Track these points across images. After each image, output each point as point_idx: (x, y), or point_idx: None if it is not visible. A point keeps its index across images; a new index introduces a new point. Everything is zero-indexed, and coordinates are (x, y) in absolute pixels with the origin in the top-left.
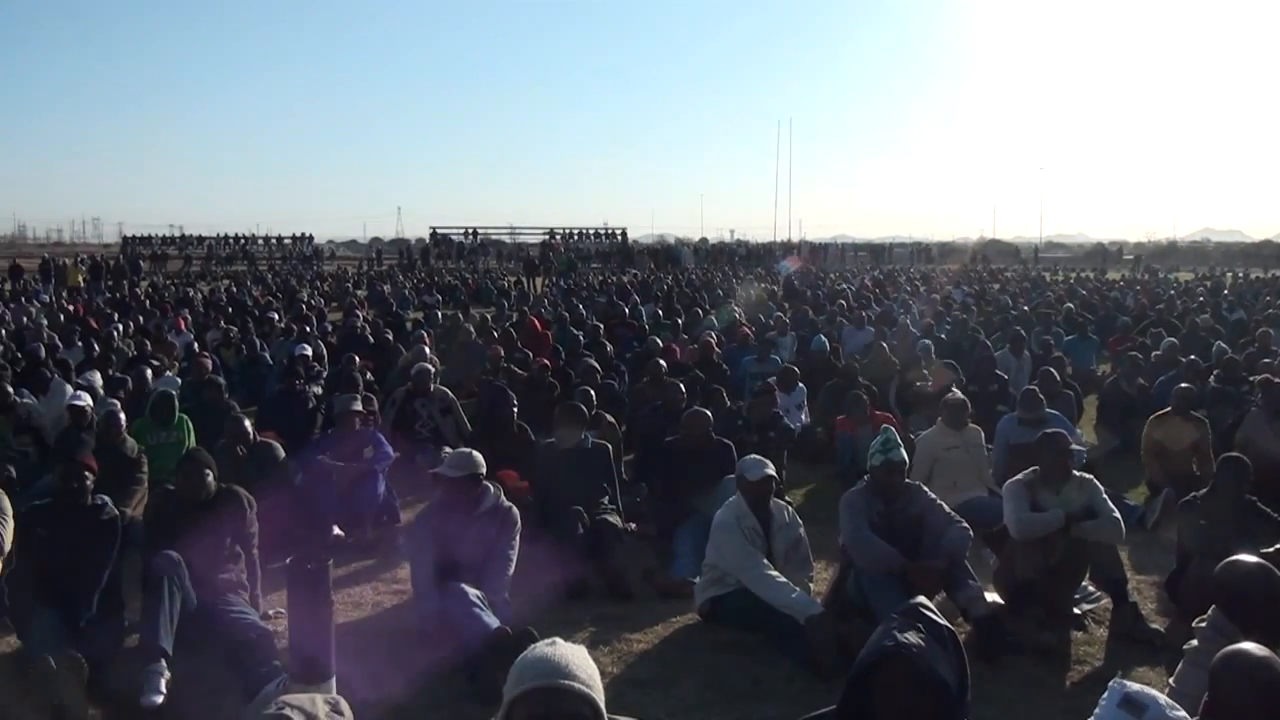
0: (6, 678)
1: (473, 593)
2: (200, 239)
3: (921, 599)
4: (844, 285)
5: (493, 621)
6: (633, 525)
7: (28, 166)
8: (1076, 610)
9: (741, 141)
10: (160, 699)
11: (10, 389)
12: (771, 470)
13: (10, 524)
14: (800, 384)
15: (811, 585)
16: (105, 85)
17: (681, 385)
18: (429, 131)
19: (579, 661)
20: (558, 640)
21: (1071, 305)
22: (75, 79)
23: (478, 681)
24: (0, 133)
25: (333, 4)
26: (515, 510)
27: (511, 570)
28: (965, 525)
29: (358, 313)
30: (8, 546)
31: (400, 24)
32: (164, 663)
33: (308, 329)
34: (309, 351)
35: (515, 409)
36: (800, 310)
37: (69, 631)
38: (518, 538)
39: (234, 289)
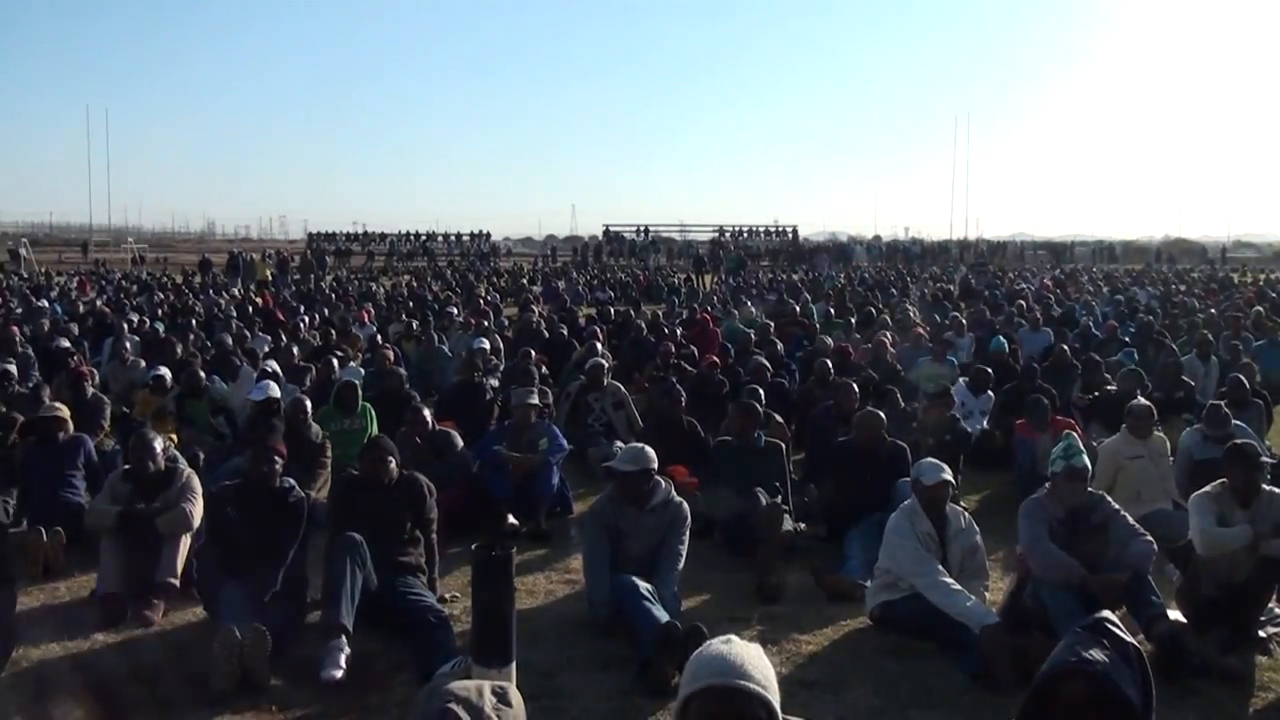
0: (195, 646)
1: (643, 586)
2: (382, 236)
3: (1106, 613)
4: (1022, 285)
5: (662, 615)
6: (802, 525)
7: (218, 166)
8: (1263, 633)
9: (917, 136)
10: (340, 674)
11: (203, 374)
12: (948, 475)
13: (200, 502)
14: (990, 389)
15: (987, 594)
16: (291, 88)
17: (854, 385)
18: (604, 130)
19: (755, 661)
20: (734, 638)
21: (1261, 309)
22: (263, 82)
23: (647, 674)
24: (192, 134)
25: (504, 6)
26: (685, 506)
27: (681, 565)
28: (1149, 538)
29: (533, 308)
30: (197, 523)
31: (573, 24)
32: (344, 639)
33: (485, 323)
34: (486, 345)
35: (684, 405)
36: (978, 310)
37: (254, 605)
38: (687, 533)
39: (414, 284)
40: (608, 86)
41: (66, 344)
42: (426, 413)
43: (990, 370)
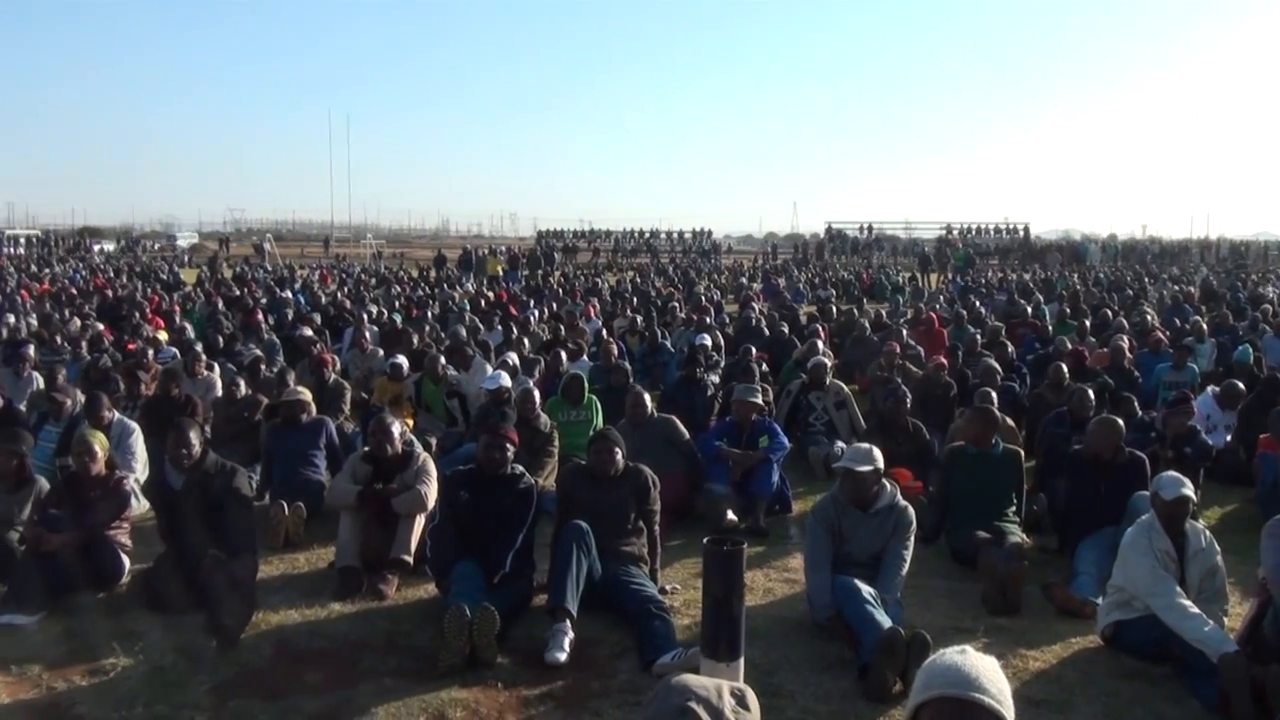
0: (425, 621)
1: (866, 589)
2: (608, 233)
3: None
4: (1270, 288)
5: (885, 621)
6: (1026, 539)
7: (452, 166)
8: None
9: (1153, 129)
10: (564, 657)
11: (443, 361)
12: (1189, 490)
13: (434, 484)
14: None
15: (1226, 620)
16: (522, 90)
17: (1089, 391)
18: (826, 127)
19: (991, 675)
20: (968, 649)
21: None
22: (495, 84)
23: (867, 680)
24: (428, 136)
25: (731, 6)
26: (911, 510)
27: (905, 570)
28: None
29: (754, 305)
30: (431, 504)
31: (790, 22)
32: (568, 624)
33: (707, 319)
34: (708, 341)
35: (910, 407)
36: (1220, 314)
37: (484, 585)
38: (912, 538)
39: (638, 280)
40: (829, 82)
41: (309, 333)
42: (646, 397)
43: (1240, 384)
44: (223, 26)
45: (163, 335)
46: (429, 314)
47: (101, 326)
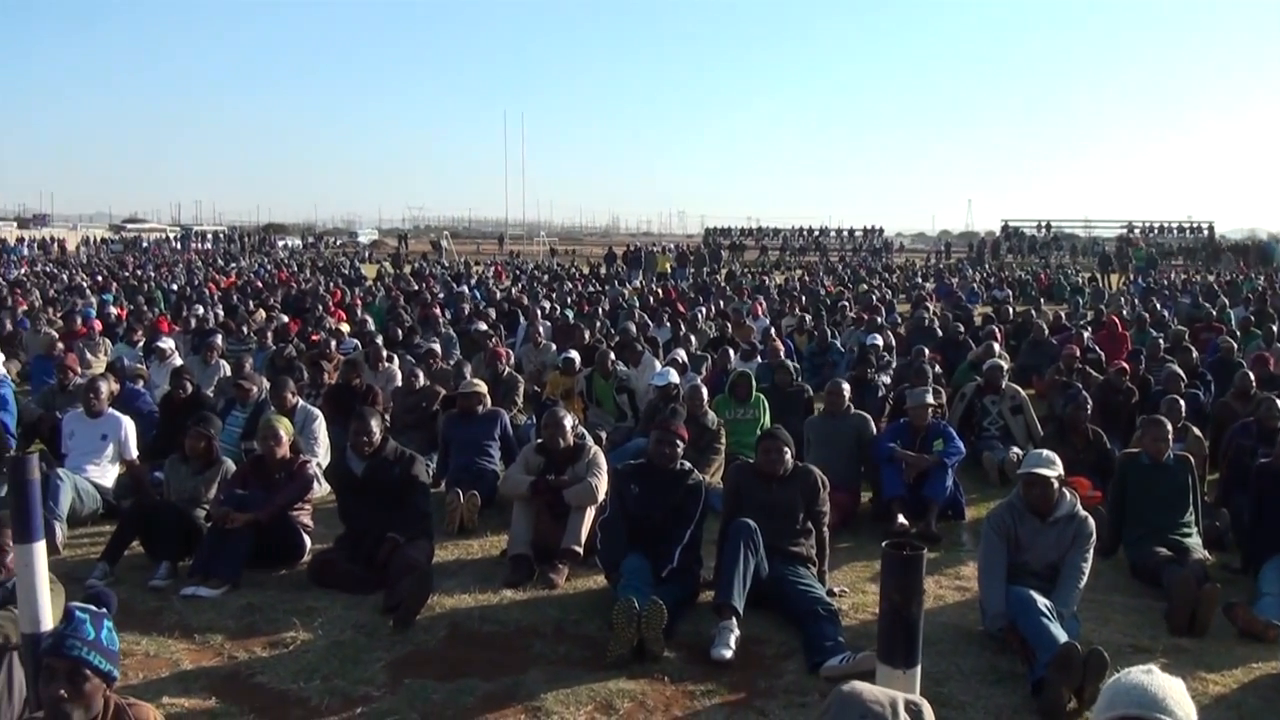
0: (594, 612)
1: (1042, 601)
2: (775, 230)
3: None
4: None
5: (1061, 635)
6: (1208, 555)
7: (622, 165)
8: None
9: None
10: (729, 654)
11: (613, 357)
12: None
13: (605, 477)
14: None
15: None
16: (690, 91)
17: (1277, 401)
18: (1001, 121)
19: (1178, 697)
20: (1155, 669)
21: None
22: (664, 86)
23: (1041, 695)
24: (599, 135)
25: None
26: (1091, 521)
27: (1082, 583)
28: None
29: (927, 305)
30: (601, 496)
31: (963, 13)
32: (734, 621)
33: (878, 319)
34: (879, 341)
35: (1090, 413)
36: None
37: (652, 579)
38: (1091, 550)
39: (806, 278)
40: (1005, 74)
41: (484, 327)
42: (845, 387)
43: None
44: (404, 31)
45: (345, 327)
46: (599, 310)
47: (286, 319)
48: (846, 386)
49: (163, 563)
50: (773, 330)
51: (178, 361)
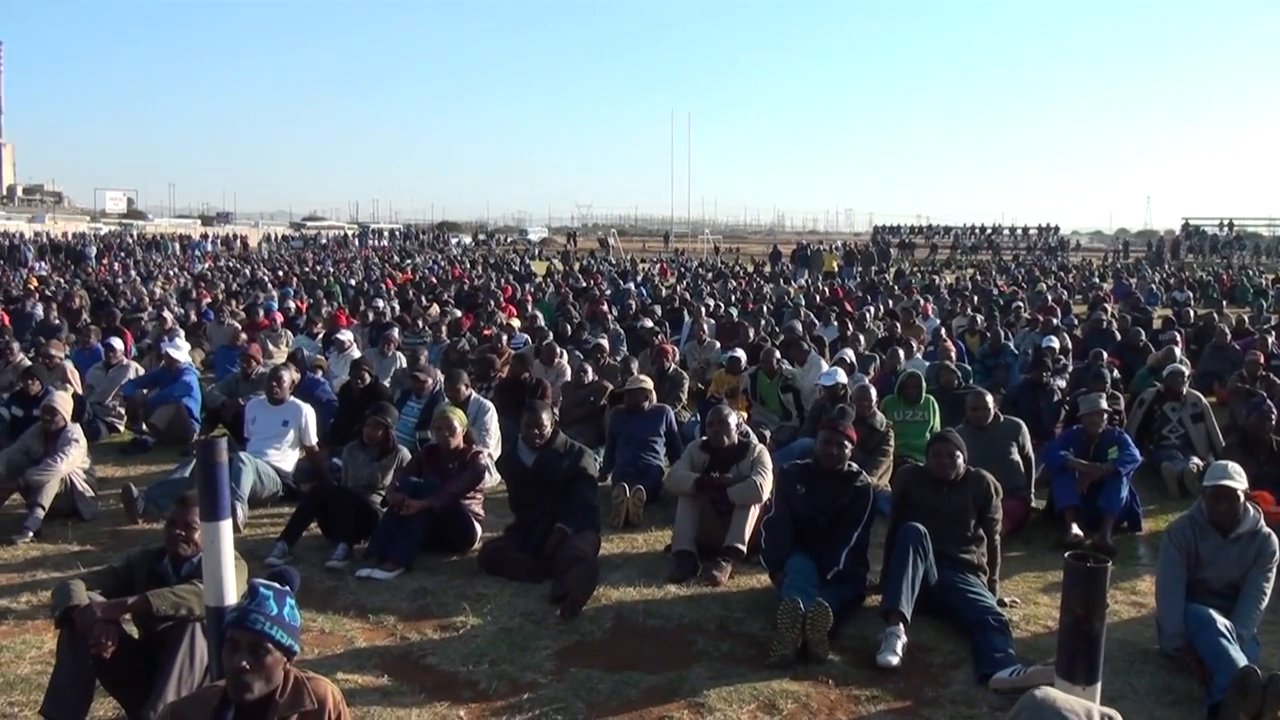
0: (758, 611)
1: (1221, 621)
2: (946, 229)
3: None
4: None
5: (1240, 658)
6: None
7: (788, 163)
8: None
9: None
10: (896, 660)
11: (778, 355)
12: None
13: (770, 477)
14: None
15: None
16: (859, 86)
17: None
18: (1180, 114)
19: None
20: None
21: None
22: (833, 81)
23: (1218, 719)
24: (764, 133)
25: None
26: (1275, 538)
27: (1264, 605)
28: None
29: (1104, 307)
30: (766, 495)
31: (1136, 4)
32: (901, 627)
33: (1053, 321)
34: (1055, 344)
35: (1274, 423)
36: None
37: (817, 580)
38: (1274, 570)
39: (978, 277)
40: (1185, 68)
41: (650, 324)
42: (989, 398)
43: None
44: (574, 32)
45: (515, 323)
46: (764, 308)
47: (459, 313)
48: (990, 398)
49: (340, 544)
50: (943, 330)
51: (356, 353)
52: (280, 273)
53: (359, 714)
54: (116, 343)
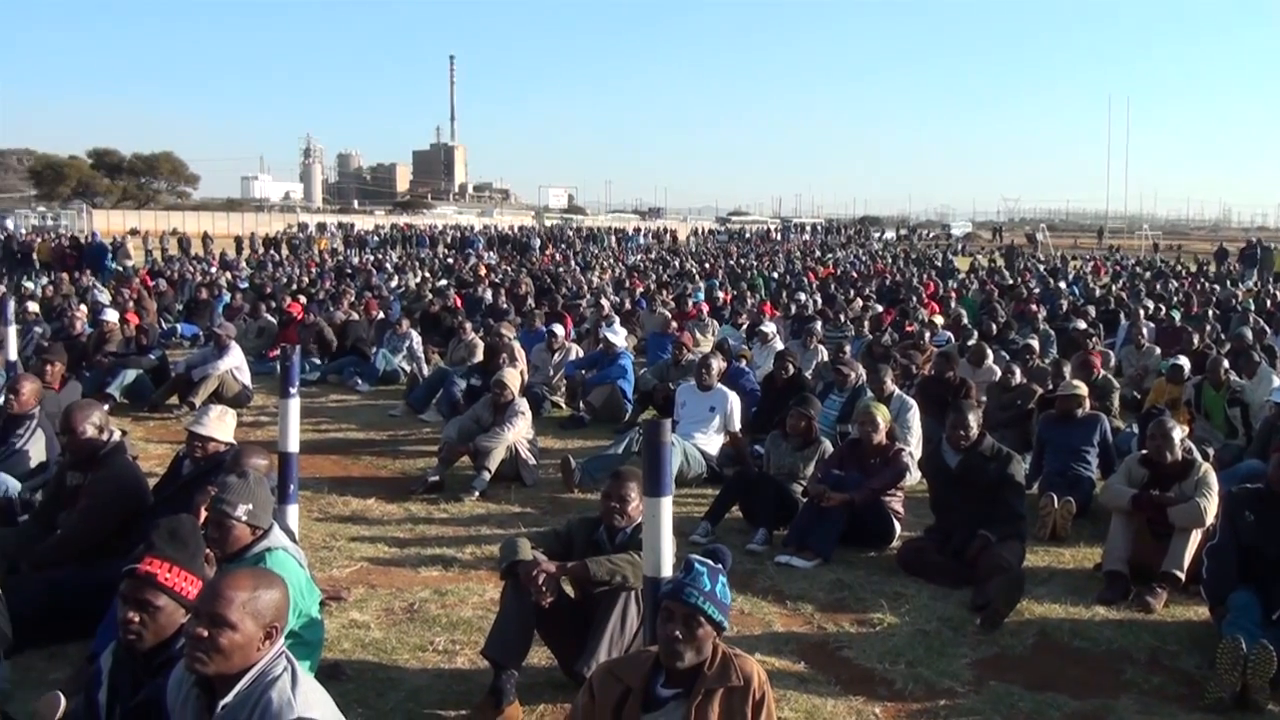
0: (1194, 646)
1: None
2: None
3: None
4: None
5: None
6: None
7: (1235, 152)
8: None
9: None
10: None
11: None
12: None
13: (1215, 499)
14: None
15: None
16: None
17: None
18: None
19: None
20: None
21: None
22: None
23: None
24: (1210, 121)
25: None
26: None
27: None
28: None
29: None
30: (1210, 520)
31: None
32: None
33: None
34: None
35: None
36: None
37: (1262, 620)
38: None
39: None
40: None
41: (1083, 325)
42: None
43: None
44: (994, 11)
45: (938, 319)
46: (1209, 313)
47: (881, 308)
48: None
49: (760, 529)
50: None
51: (779, 345)
52: (707, 265)
53: (776, 695)
54: (558, 327)
